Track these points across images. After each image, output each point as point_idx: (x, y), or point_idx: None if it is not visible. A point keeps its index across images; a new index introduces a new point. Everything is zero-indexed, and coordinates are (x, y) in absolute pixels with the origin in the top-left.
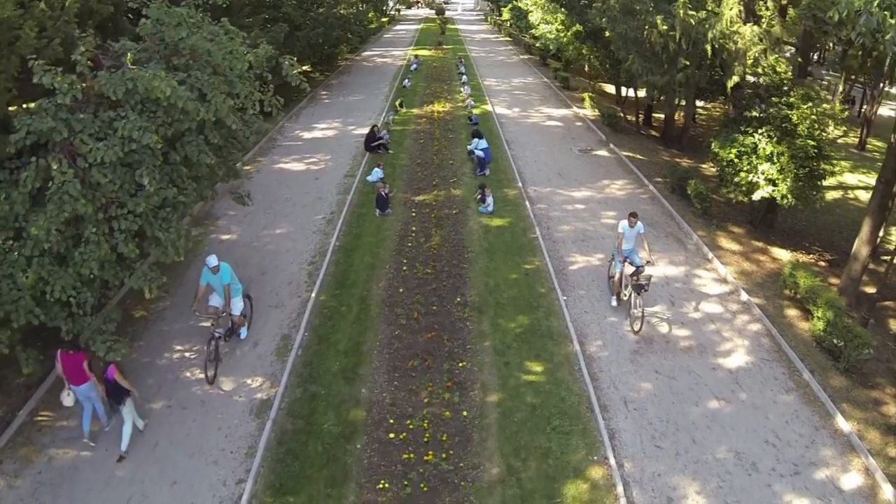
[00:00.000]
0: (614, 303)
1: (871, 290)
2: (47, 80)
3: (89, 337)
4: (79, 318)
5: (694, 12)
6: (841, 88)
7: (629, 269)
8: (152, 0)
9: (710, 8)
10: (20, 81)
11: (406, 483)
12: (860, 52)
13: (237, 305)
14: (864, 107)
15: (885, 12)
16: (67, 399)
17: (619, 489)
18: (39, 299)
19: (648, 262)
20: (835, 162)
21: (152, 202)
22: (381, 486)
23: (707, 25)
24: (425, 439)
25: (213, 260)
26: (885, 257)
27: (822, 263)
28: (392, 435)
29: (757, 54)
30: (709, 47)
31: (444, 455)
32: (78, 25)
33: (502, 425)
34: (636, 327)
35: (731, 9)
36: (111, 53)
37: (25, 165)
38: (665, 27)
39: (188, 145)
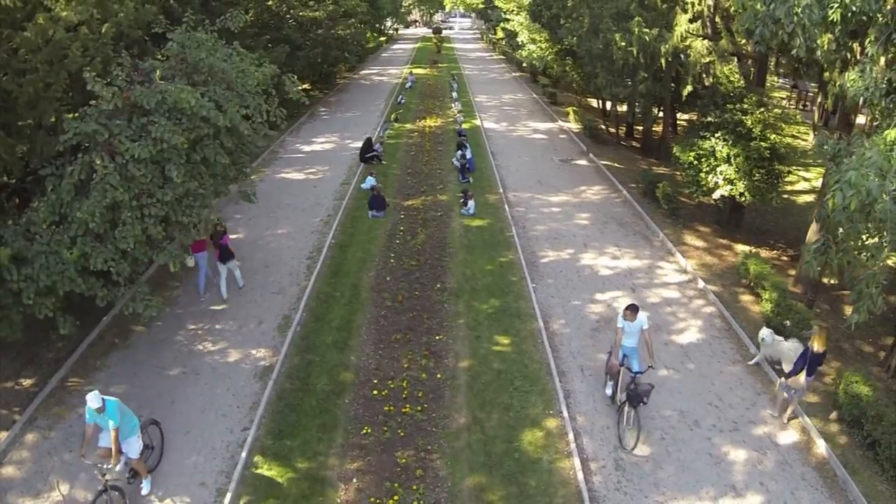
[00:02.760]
0: (609, 391)
1: (825, 280)
2: (97, 88)
3: (126, 302)
4: (112, 289)
5: (648, 29)
6: (819, 99)
7: (627, 374)
8: (175, 26)
9: (678, 29)
10: (64, 93)
11: (386, 429)
12: (793, 60)
13: (132, 447)
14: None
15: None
16: (190, 261)
17: (571, 436)
18: (81, 273)
19: (651, 366)
20: (795, 165)
21: (177, 192)
22: (364, 431)
23: (660, 41)
24: (404, 396)
25: (94, 399)
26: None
27: (785, 258)
28: (375, 392)
29: (710, 65)
30: (663, 61)
31: (419, 408)
32: (112, 47)
33: (470, 385)
34: (630, 443)
35: (680, 26)
36: (141, 70)
37: (71, 161)
38: (624, 43)
39: (206, 148)
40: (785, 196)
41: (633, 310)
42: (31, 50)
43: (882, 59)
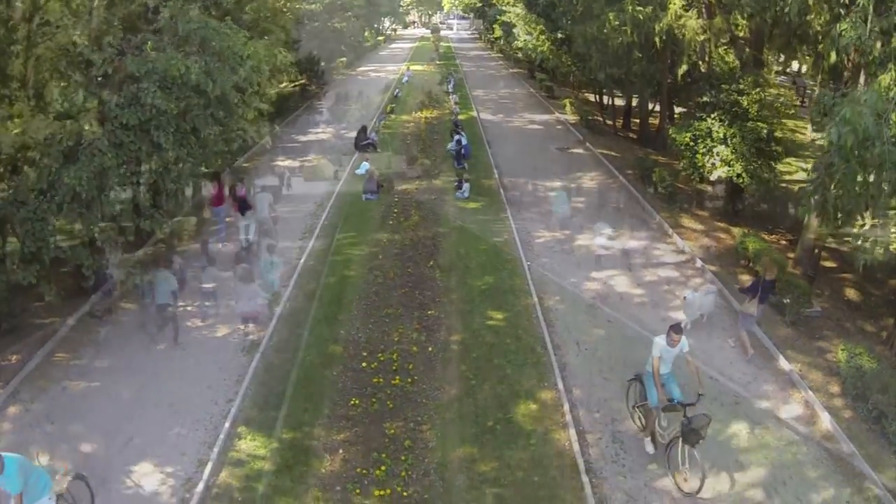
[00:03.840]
0: (650, 448)
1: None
2: (87, 52)
3: (115, 271)
4: (97, 257)
5: (641, 7)
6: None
7: (665, 404)
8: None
9: (672, 7)
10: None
11: (374, 401)
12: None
13: None
14: None
15: None
16: (206, 212)
17: (566, 408)
18: (67, 240)
19: (702, 393)
20: (793, 156)
21: (165, 159)
22: (352, 403)
23: (654, 19)
24: (394, 368)
25: None
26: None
27: (784, 242)
28: (364, 364)
29: (705, 44)
30: (657, 39)
31: (409, 380)
32: (104, 20)
33: (462, 358)
34: (692, 486)
35: (674, 4)
36: (133, 43)
37: (60, 130)
38: (617, 22)
39: (196, 118)
40: (783, 185)
41: (677, 330)
42: (22, 19)
43: (871, 9)
